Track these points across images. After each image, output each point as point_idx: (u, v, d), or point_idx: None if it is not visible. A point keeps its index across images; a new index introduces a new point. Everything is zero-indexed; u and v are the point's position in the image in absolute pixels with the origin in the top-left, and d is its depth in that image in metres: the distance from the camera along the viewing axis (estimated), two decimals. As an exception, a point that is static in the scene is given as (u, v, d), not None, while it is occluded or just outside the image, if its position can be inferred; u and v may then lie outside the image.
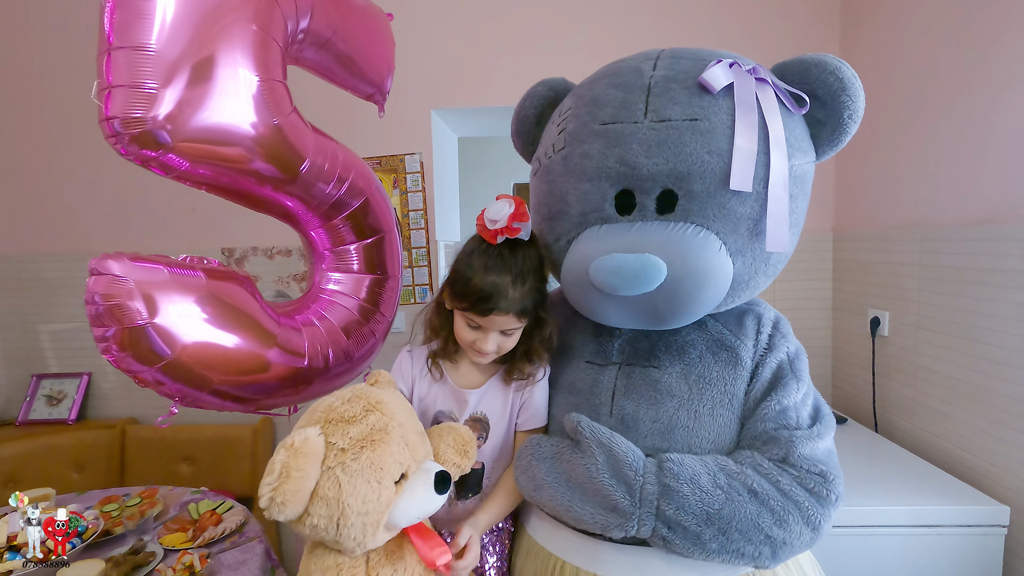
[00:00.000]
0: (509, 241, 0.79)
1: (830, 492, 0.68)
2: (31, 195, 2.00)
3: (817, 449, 0.70)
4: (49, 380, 2.01)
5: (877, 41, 1.63)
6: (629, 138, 0.72)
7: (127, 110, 0.71)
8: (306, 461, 0.61)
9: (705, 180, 0.70)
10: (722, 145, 0.69)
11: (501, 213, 0.77)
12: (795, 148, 0.72)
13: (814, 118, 0.76)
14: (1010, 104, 1.19)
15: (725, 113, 0.70)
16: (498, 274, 0.76)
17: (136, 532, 1.27)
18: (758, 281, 0.77)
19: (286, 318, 0.96)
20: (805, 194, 0.76)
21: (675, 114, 0.71)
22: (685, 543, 0.68)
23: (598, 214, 0.76)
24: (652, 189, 0.72)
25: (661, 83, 0.74)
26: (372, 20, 1.12)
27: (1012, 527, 1.12)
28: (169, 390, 0.80)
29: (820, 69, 0.72)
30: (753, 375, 0.76)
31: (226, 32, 0.79)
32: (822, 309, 1.87)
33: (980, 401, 1.25)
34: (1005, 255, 1.18)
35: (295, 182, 0.93)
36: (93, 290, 0.73)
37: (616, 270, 0.69)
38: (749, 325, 0.79)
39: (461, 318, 0.81)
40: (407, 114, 1.89)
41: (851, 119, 0.73)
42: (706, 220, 0.70)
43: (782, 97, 0.73)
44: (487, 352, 0.80)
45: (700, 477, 0.68)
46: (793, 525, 0.67)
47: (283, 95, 0.87)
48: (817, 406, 0.76)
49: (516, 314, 0.77)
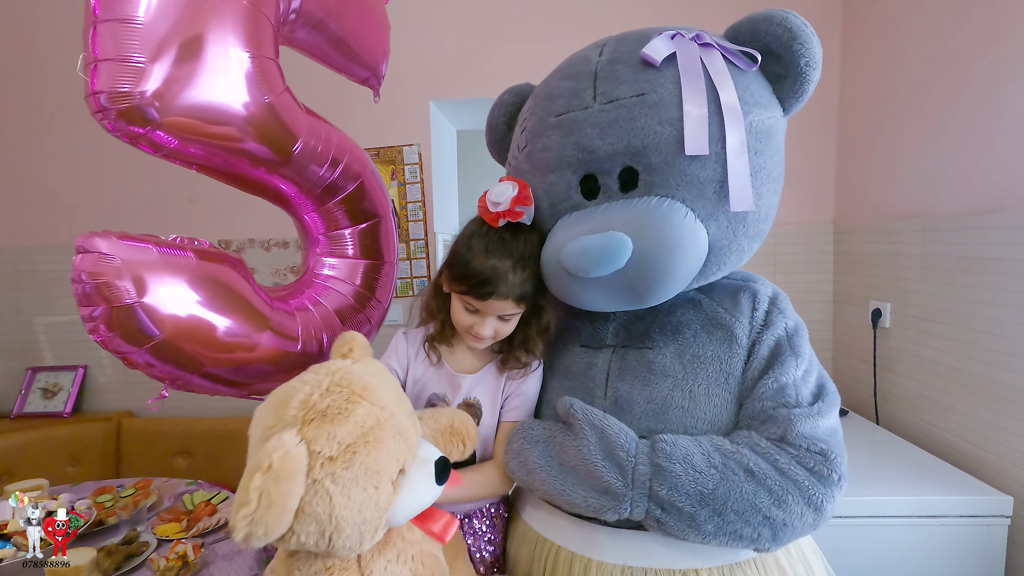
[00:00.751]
0: (511, 225, 0.77)
1: (832, 471, 0.66)
2: (27, 187, 1.99)
3: (818, 427, 0.69)
4: (44, 373, 2.00)
5: (879, 32, 1.62)
6: (582, 123, 0.74)
7: (114, 84, 0.70)
8: (290, 483, 0.50)
9: (661, 151, 0.70)
10: (672, 114, 0.69)
11: (504, 196, 0.76)
12: (752, 104, 0.71)
13: (774, 73, 0.75)
14: (1011, 95, 1.17)
15: (671, 83, 0.70)
16: (499, 258, 0.75)
17: (130, 522, 1.26)
18: (741, 244, 0.74)
19: (279, 302, 0.95)
20: (774, 148, 0.75)
21: (622, 92, 0.72)
22: (680, 525, 0.66)
23: (567, 203, 0.76)
24: (612, 169, 0.73)
25: (607, 66, 0.75)
26: (366, 2, 1.10)
27: (1015, 517, 1.11)
28: (159, 372, 0.79)
29: (768, 23, 0.72)
30: (750, 353, 0.74)
31: (216, 7, 0.77)
32: (823, 301, 1.85)
33: (982, 392, 1.23)
34: (1006, 244, 1.17)
35: (288, 164, 0.92)
36: (80, 268, 0.72)
37: (583, 252, 0.69)
38: (744, 302, 0.77)
39: (459, 301, 0.79)
40: (405, 105, 1.88)
41: (808, 66, 0.72)
42: (670, 190, 0.70)
43: (731, 57, 0.73)
44: (484, 337, 0.79)
45: (693, 457, 0.67)
46: (793, 505, 0.65)
47: (275, 73, 0.86)
48: (821, 383, 0.75)
49: (515, 299, 0.76)
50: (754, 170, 0.71)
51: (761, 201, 0.73)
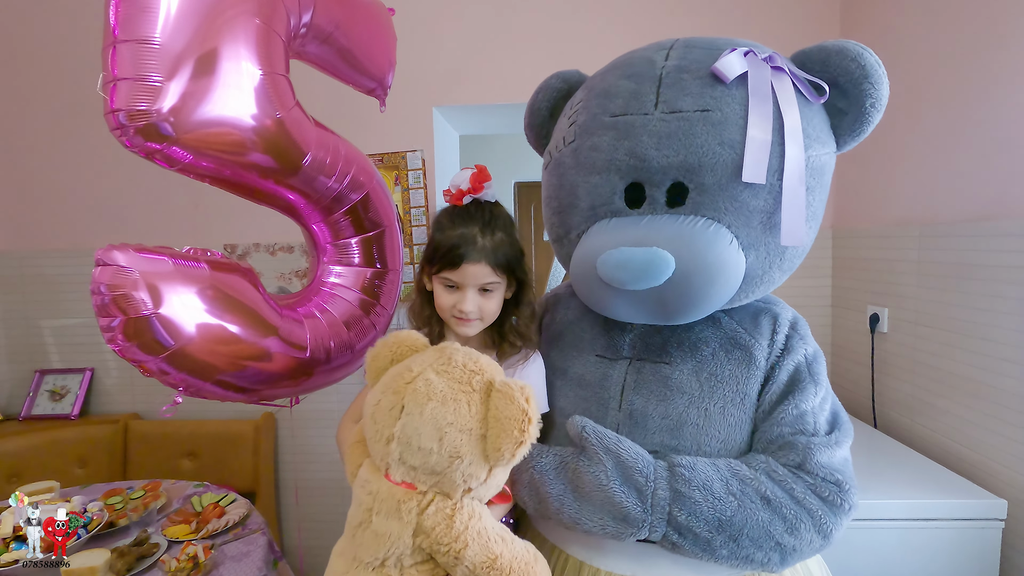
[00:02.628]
0: (476, 200, 0.80)
1: (844, 501, 0.67)
2: (34, 191, 2.01)
3: (835, 457, 0.69)
4: (52, 375, 2.02)
5: (875, 39, 1.64)
6: (639, 130, 0.71)
7: (132, 103, 0.72)
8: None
9: (716, 172, 0.68)
10: (734, 136, 0.67)
11: (463, 177, 0.79)
12: (813, 138, 0.70)
13: (835, 107, 0.73)
14: (1007, 101, 1.19)
15: (738, 103, 0.68)
16: (466, 226, 0.76)
17: (140, 524, 1.28)
18: (773, 276, 0.75)
19: (288, 310, 0.97)
20: (823, 186, 0.74)
21: (687, 105, 0.69)
22: (695, 548, 0.67)
23: (607, 207, 0.74)
24: (662, 182, 0.71)
25: (673, 73, 0.72)
26: (373, 15, 1.12)
27: (1009, 520, 1.13)
28: (173, 380, 0.81)
29: (841, 56, 0.69)
30: (768, 377, 0.74)
31: (229, 25, 0.79)
32: (822, 306, 1.87)
33: (977, 396, 1.25)
34: (1002, 251, 1.19)
35: (297, 176, 0.94)
36: (99, 280, 0.74)
37: (623, 264, 0.68)
38: (765, 325, 0.77)
39: (439, 285, 0.79)
40: (409, 111, 1.90)
41: (874, 107, 0.70)
42: (717, 213, 0.69)
43: (800, 86, 0.70)
44: (468, 314, 0.77)
45: (712, 483, 0.67)
46: (804, 533, 0.66)
47: (286, 89, 0.88)
48: (835, 412, 0.75)
49: (491, 265, 0.75)
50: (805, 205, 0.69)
51: (805, 238, 0.72)
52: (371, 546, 0.63)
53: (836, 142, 0.75)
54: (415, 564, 0.64)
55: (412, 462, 0.62)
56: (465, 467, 0.62)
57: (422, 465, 0.62)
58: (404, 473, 0.63)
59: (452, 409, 0.62)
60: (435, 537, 0.61)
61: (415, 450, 0.62)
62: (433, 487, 0.63)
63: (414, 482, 0.64)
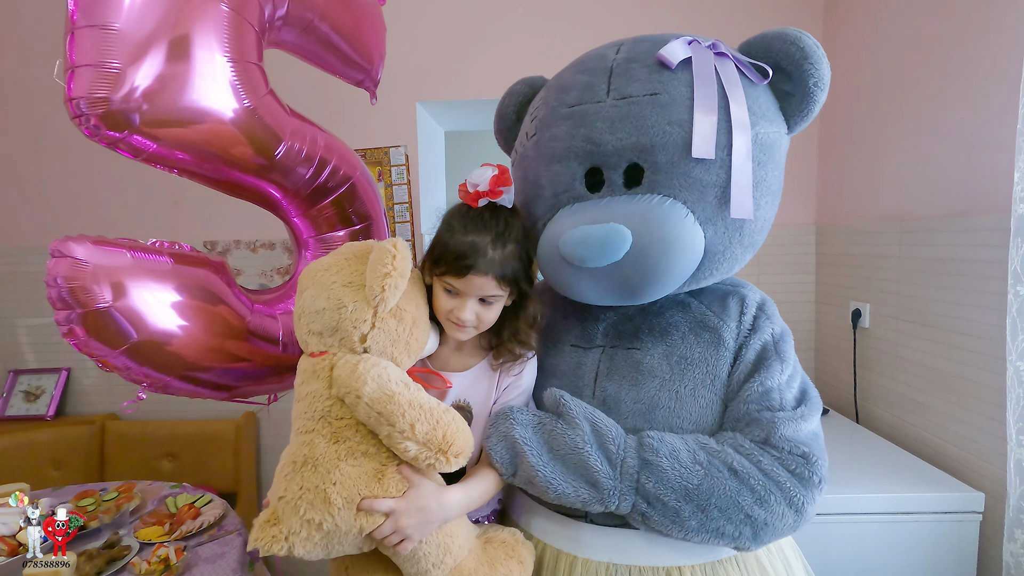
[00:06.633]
0: (492, 205, 0.76)
1: (813, 474, 0.68)
2: (8, 188, 1.97)
3: (800, 431, 0.70)
4: (27, 376, 1.98)
5: (859, 36, 1.65)
6: (593, 116, 0.75)
7: (91, 90, 0.70)
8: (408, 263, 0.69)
9: (668, 151, 0.71)
10: (682, 116, 0.71)
11: (483, 177, 0.75)
12: (759, 116, 0.73)
13: (782, 90, 0.77)
14: (986, 99, 1.20)
15: (684, 85, 0.72)
16: (477, 234, 0.73)
17: (112, 526, 1.25)
18: (735, 252, 0.76)
19: (262, 305, 0.95)
20: (776, 162, 0.77)
21: (636, 90, 0.73)
22: (664, 519, 0.68)
23: (569, 193, 0.77)
24: (618, 164, 0.74)
25: (622, 64, 0.76)
26: (361, 4, 1.10)
27: (987, 513, 1.14)
28: (136, 375, 0.79)
29: (781, 41, 0.74)
30: (736, 357, 0.76)
31: (197, 12, 0.77)
32: (806, 302, 1.88)
33: (956, 391, 1.26)
34: (980, 246, 1.20)
35: (272, 167, 0.92)
36: (54, 272, 0.72)
37: (582, 240, 0.70)
38: (732, 306, 0.79)
39: (439, 286, 0.77)
40: (392, 106, 1.88)
41: (816, 86, 0.74)
42: (672, 190, 0.72)
43: (743, 69, 0.74)
44: (464, 321, 0.76)
45: (680, 453, 0.68)
46: (775, 506, 0.66)
47: (257, 77, 0.86)
48: (804, 388, 0.76)
49: (496, 278, 0.73)
50: (755, 180, 0.73)
51: (759, 212, 0.75)
52: (302, 413, 0.71)
53: (787, 124, 0.79)
54: (341, 419, 0.70)
55: (315, 327, 0.71)
56: (350, 313, 0.70)
57: (324, 327, 0.71)
58: (316, 343, 0.72)
59: (335, 271, 0.72)
60: (341, 382, 0.68)
61: (313, 314, 0.71)
62: (339, 346, 0.71)
63: (326, 348, 0.72)
